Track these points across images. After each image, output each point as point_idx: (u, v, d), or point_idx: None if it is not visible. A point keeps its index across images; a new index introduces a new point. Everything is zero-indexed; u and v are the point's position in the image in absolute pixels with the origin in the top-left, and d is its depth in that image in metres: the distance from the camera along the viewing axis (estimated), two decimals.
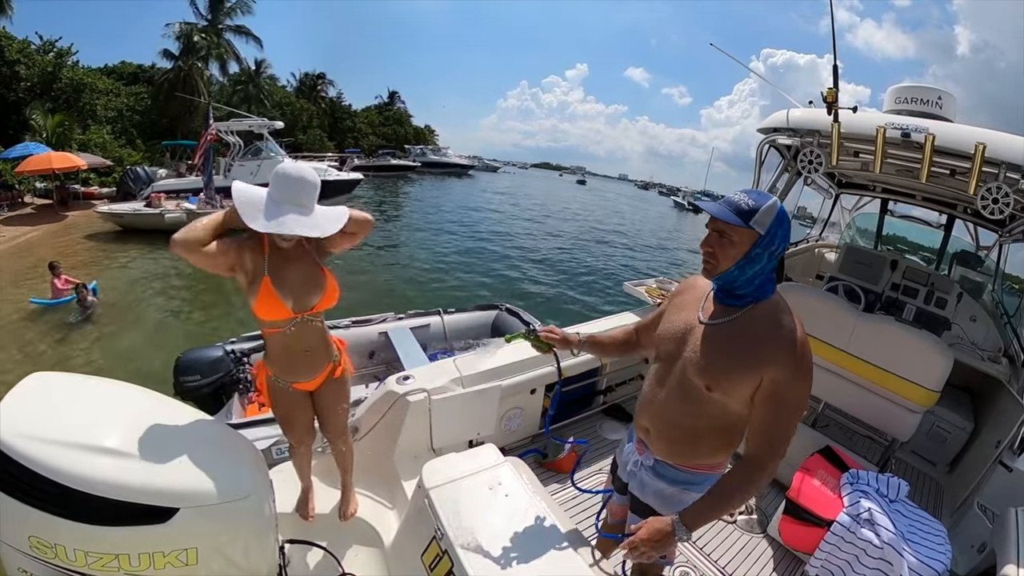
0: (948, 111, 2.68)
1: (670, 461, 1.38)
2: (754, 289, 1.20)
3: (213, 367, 3.95)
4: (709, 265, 1.21)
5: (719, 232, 1.19)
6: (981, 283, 4.10)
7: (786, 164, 3.53)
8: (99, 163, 15.96)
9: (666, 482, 1.39)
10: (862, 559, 1.97)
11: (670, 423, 1.33)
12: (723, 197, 1.23)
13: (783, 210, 1.17)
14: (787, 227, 1.18)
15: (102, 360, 6.10)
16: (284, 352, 1.71)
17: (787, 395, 1.15)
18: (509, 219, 22.82)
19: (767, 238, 1.15)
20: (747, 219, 1.14)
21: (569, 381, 2.89)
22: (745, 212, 1.14)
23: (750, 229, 1.14)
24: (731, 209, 1.16)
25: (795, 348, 1.14)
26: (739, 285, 1.20)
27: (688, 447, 1.34)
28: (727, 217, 1.15)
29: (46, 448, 1.10)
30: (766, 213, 1.14)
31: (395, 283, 10.62)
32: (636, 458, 1.47)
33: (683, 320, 1.33)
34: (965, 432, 3.17)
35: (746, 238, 1.15)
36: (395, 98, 52.33)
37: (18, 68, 17.33)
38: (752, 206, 1.14)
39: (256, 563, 1.44)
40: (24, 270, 9.07)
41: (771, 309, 1.20)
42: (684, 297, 1.40)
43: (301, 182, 1.48)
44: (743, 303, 1.22)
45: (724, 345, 1.21)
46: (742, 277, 1.18)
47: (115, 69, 27.11)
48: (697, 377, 1.23)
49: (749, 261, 1.16)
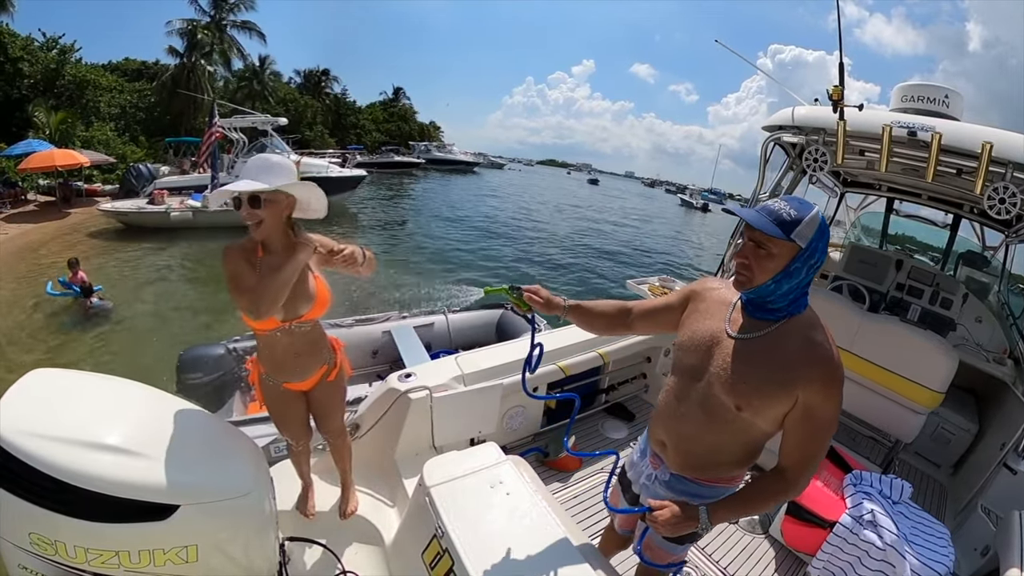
0: (955, 110, 2.66)
1: (687, 475, 1.32)
2: (788, 304, 1.13)
3: (215, 365, 3.97)
4: (743, 278, 1.13)
5: (756, 243, 1.10)
6: (987, 284, 4.08)
7: (791, 162, 3.51)
8: (102, 160, 15.98)
9: (681, 495, 1.34)
10: (864, 561, 1.96)
11: (691, 438, 1.28)
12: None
13: (824, 221, 1.10)
14: (827, 239, 1.11)
15: (103, 357, 6.13)
16: (273, 353, 1.70)
17: (822, 415, 1.10)
18: (514, 219, 22.78)
19: (808, 252, 1.07)
20: (789, 231, 1.05)
21: (570, 380, 2.89)
22: (787, 223, 1.06)
23: (791, 242, 1.06)
24: (772, 219, 1.07)
25: (830, 367, 1.09)
26: (773, 300, 1.13)
27: (708, 462, 1.29)
28: (768, 229, 1.06)
29: (47, 445, 1.10)
30: (809, 225, 1.06)
31: (398, 281, 10.62)
32: (650, 471, 1.42)
33: (708, 331, 1.24)
34: (969, 434, 3.15)
35: (786, 251, 1.08)
36: (400, 94, 52.43)
37: (21, 65, 17.36)
38: (795, 217, 1.06)
39: (256, 560, 1.44)
40: (26, 268, 9.10)
41: (805, 325, 1.14)
42: (706, 304, 1.30)
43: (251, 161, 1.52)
44: (776, 317, 1.14)
45: (756, 363, 1.13)
46: (778, 292, 1.11)
47: (119, 66, 27.16)
48: (726, 396, 1.16)
49: (787, 275, 1.09)
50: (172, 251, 10.99)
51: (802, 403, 1.10)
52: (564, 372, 2.79)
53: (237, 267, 1.50)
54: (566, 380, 2.86)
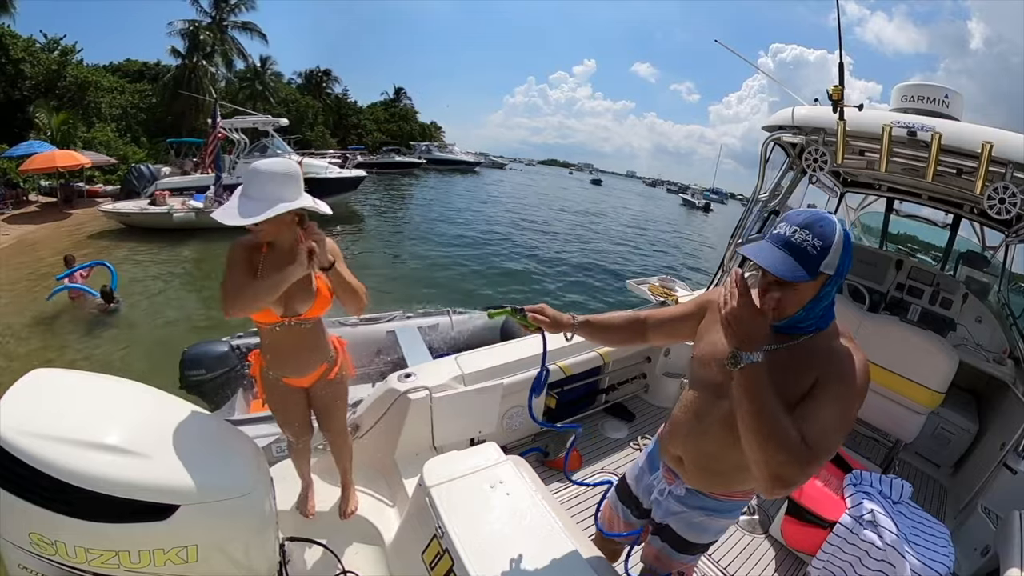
0: (955, 110, 2.65)
1: (704, 490, 1.29)
2: (816, 319, 1.08)
3: (218, 362, 3.98)
4: (773, 313, 1.05)
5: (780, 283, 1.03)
6: (987, 284, 4.07)
7: (791, 162, 3.51)
8: (103, 161, 16.00)
9: (695, 511, 1.32)
10: (864, 560, 1.96)
11: (713, 456, 1.23)
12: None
13: (848, 237, 1.02)
14: (851, 251, 1.04)
15: (104, 357, 6.13)
16: (273, 347, 1.73)
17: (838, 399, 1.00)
18: (517, 220, 22.77)
19: (836, 276, 1.02)
20: (816, 267, 0.98)
21: (570, 380, 2.89)
22: (813, 258, 0.98)
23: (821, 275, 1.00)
24: (795, 257, 0.98)
25: (852, 365, 1.03)
26: (803, 321, 1.08)
27: (727, 478, 1.25)
28: (796, 276, 0.97)
29: (46, 445, 1.10)
30: (835, 252, 0.99)
31: (401, 281, 10.62)
32: (664, 486, 1.38)
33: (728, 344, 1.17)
34: (969, 434, 3.15)
35: (816, 283, 1.01)
36: (401, 95, 52.47)
37: (23, 66, 17.34)
38: (820, 248, 0.98)
39: (256, 560, 1.44)
40: (27, 269, 9.11)
41: (831, 336, 1.09)
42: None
43: (255, 173, 1.49)
44: (804, 332, 1.10)
45: (779, 376, 1.03)
46: (809, 316, 1.07)
47: (120, 67, 27.25)
48: None
49: (817, 301, 1.05)
50: (174, 252, 11.01)
51: (820, 384, 1.02)
52: (564, 372, 2.80)
53: (236, 260, 1.53)
54: (566, 380, 2.87)
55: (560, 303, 10.60)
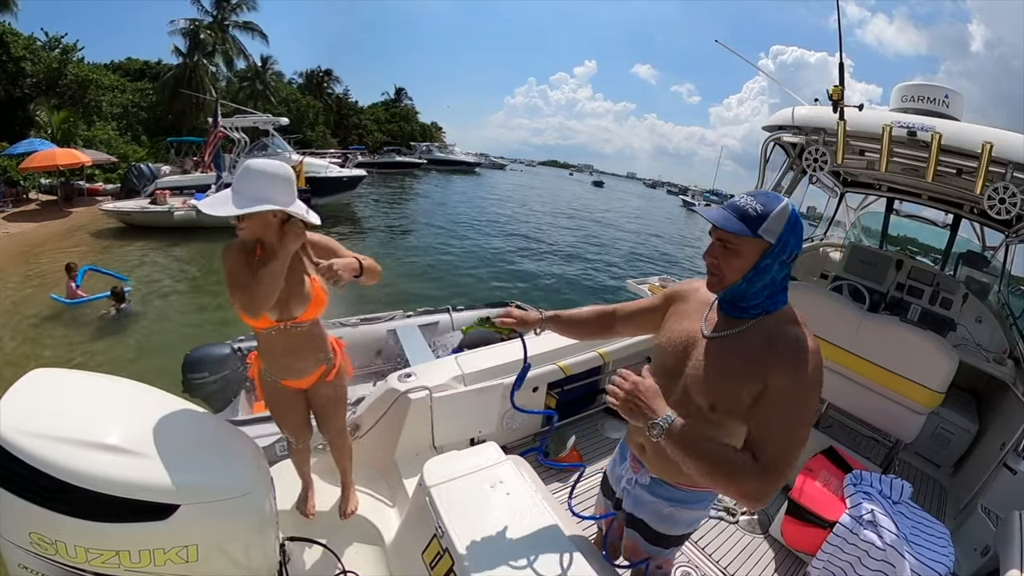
0: (955, 110, 2.65)
1: (668, 479, 1.30)
2: (764, 300, 1.09)
3: (221, 364, 3.97)
4: (714, 279, 1.11)
5: (723, 242, 1.07)
6: (987, 284, 4.07)
7: (791, 162, 3.51)
8: (104, 159, 16.01)
9: (663, 500, 1.33)
10: (864, 560, 1.96)
11: None
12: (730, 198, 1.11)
13: (795, 214, 1.05)
14: (799, 232, 1.07)
15: (105, 356, 6.13)
16: (270, 350, 1.73)
17: (791, 402, 1.01)
18: (518, 219, 22.72)
19: (778, 247, 1.04)
20: (755, 228, 1.03)
21: (570, 379, 2.89)
22: (753, 219, 1.03)
23: (759, 239, 1.03)
24: (736, 216, 1.04)
25: (803, 356, 1.02)
26: (747, 298, 1.10)
27: None
28: (732, 227, 1.03)
29: (47, 444, 1.10)
30: (776, 220, 1.03)
31: (402, 280, 10.61)
32: (631, 476, 1.40)
33: (685, 331, 1.21)
34: (969, 434, 3.15)
35: (754, 248, 1.05)
36: (402, 95, 52.48)
37: (24, 64, 17.35)
38: (761, 212, 1.03)
39: (256, 560, 1.45)
40: (26, 269, 9.12)
41: (781, 320, 1.09)
42: (687, 305, 1.28)
43: (246, 171, 1.48)
44: (751, 315, 1.11)
45: (728, 361, 1.09)
46: (751, 290, 1.08)
47: (121, 65, 27.27)
48: (700, 396, 1.13)
49: (758, 273, 1.06)
50: (174, 251, 11.01)
51: (771, 389, 1.03)
52: (564, 372, 2.80)
53: (234, 264, 1.52)
54: (566, 380, 2.87)
55: (559, 304, 10.61)
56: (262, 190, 1.46)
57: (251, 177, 1.47)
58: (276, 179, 1.49)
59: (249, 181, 1.46)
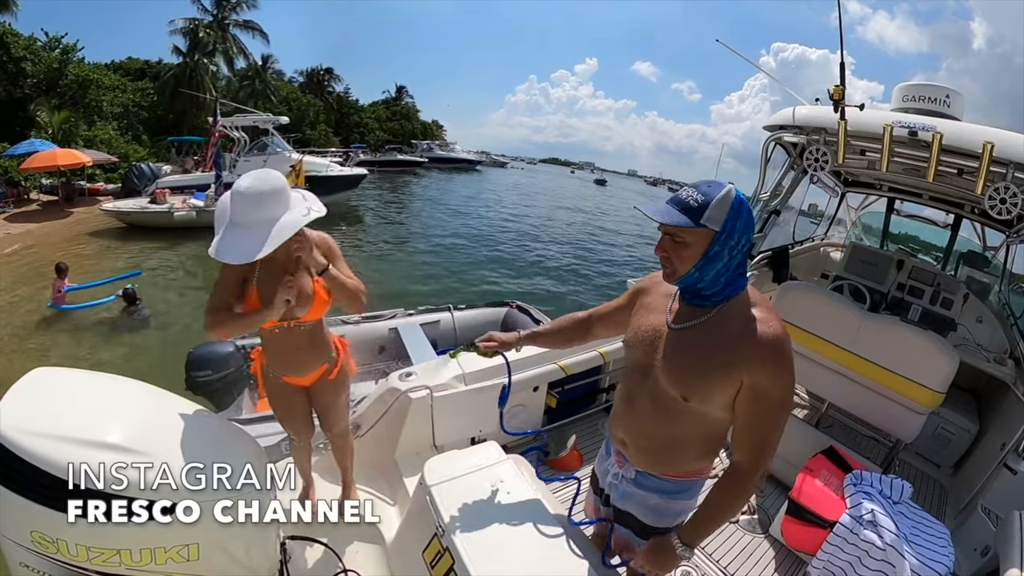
0: (956, 110, 2.65)
1: (652, 472, 1.30)
2: (721, 288, 1.11)
3: (224, 362, 3.97)
4: (667, 271, 1.14)
5: (671, 236, 1.10)
6: (988, 284, 4.07)
7: (792, 162, 3.51)
8: (104, 159, 16.02)
9: (650, 493, 1.32)
10: (864, 560, 1.96)
11: (647, 435, 1.26)
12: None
13: (739, 199, 1.07)
14: (747, 217, 1.08)
15: (106, 356, 6.14)
16: (272, 347, 1.74)
17: (770, 394, 1.07)
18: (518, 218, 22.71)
19: (724, 234, 1.06)
20: (697, 218, 1.04)
21: (570, 379, 2.89)
22: (694, 210, 1.05)
23: (703, 228, 1.05)
24: (679, 208, 1.07)
25: (773, 343, 1.06)
26: (704, 286, 1.12)
27: (669, 457, 1.27)
28: (674, 219, 1.06)
29: (48, 443, 1.10)
30: (718, 207, 1.04)
31: (404, 279, 10.61)
32: (616, 470, 1.40)
33: (651, 325, 1.24)
34: (970, 434, 3.14)
35: (700, 238, 1.06)
36: (403, 93, 52.39)
37: (24, 65, 17.34)
38: (701, 202, 1.05)
39: (257, 559, 1.45)
40: (27, 269, 9.12)
41: (744, 304, 1.12)
42: (652, 297, 1.30)
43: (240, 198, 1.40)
44: (712, 303, 1.13)
45: (696, 351, 1.12)
46: (705, 278, 1.10)
47: (121, 65, 27.24)
48: (671, 388, 1.15)
49: (708, 261, 1.08)
50: (175, 250, 11.02)
51: (747, 385, 1.07)
52: (565, 371, 2.80)
53: (225, 277, 1.54)
54: (566, 379, 2.86)
55: (559, 302, 10.60)
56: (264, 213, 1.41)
57: (246, 204, 1.40)
58: (269, 196, 1.42)
59: (246, 207, 1.41)
